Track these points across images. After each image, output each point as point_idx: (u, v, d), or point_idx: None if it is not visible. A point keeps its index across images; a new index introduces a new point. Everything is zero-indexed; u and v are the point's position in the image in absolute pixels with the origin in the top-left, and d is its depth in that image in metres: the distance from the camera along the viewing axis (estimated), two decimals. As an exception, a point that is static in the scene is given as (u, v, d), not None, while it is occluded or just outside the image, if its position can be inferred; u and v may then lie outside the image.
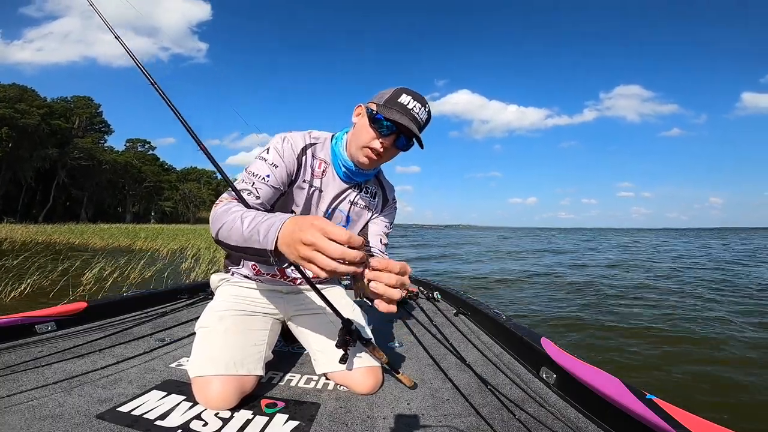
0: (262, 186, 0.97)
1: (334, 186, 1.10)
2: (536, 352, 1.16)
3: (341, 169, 1.08)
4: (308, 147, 1.06)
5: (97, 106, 36.52)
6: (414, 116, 0.96)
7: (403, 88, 0.99)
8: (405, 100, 0.96)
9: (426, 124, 1.02)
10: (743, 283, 5.91)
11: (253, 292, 1.18)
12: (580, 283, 5.89)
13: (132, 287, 4.39)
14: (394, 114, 0.94)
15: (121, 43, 0.98)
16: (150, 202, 39.55)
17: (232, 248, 0.80)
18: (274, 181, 0.98)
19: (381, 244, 1.17)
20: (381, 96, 0.99)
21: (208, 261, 6.60)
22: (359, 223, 1.19)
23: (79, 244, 10.84)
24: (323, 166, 1.09)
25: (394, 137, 0.98)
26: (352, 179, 1.11)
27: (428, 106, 1.00)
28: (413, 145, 1.02)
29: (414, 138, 0.99)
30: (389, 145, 0.99)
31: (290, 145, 1.02)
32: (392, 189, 1.25)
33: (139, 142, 44.83)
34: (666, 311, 3.94)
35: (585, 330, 3.31)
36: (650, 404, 0.76)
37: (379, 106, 0.97)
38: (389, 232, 1.23)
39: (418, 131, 0.96)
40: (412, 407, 0.95)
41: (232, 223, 0.79)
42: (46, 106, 29.42)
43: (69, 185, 31.09)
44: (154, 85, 0.93)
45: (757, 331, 3.28)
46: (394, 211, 1.26)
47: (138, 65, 0.93)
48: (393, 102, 0.96)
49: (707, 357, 2.65)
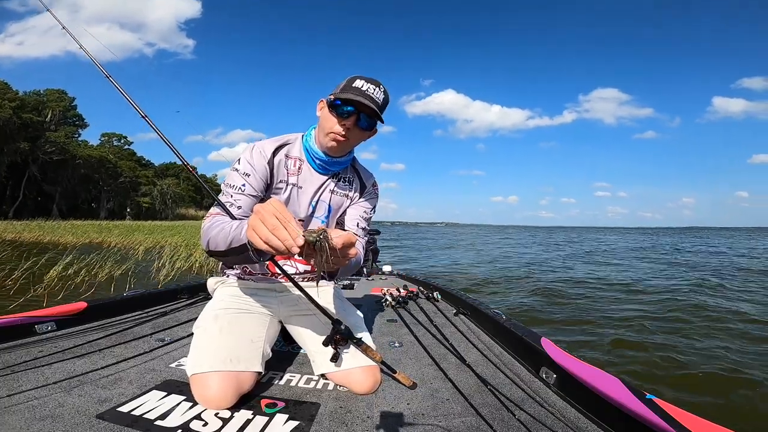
0: (240, 196, 1.03)
1: (311, 180, 1.15)
2: (536, 352, 1.16)
3: (315, 163, 1.13)
4: (279, 149, 1.11)
5: (71, 99, 35.33)
6: (369, 96, 1.00)
7: (357, 75, 1.03)
8: (359, 84, 1.01)
9: (384, 104, 1.06)
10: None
11: (248, 292, 1.18)
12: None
13: (97, 285, 4.33)
14: (349, 96, 0.99)
15: (85, 50, 1.10)
16: (126, 198, 38.56)
17: (222, 254, 0.89)
18: (250, 189, 1.04)
19: (358, 228, 1.21)
20: (338, 86, 1.05)
21: (185, 258, 6.44)
22: (339, 211, 1.23)
23: (49, 241, 10.50)
24: (298, 163, 1.13)
25: (355, 118, 1.03)
26: (328, 170, 1.15)
27: (383, 87, 1.04)
28: (376, 125, 1.08)
29: (375, 117, 1.04)
30: (351, 126, 1.03)
31: (259, 151, 1.08)
32: (370, 175, 1.27)
33: (114, 136, 43.61)
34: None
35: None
36: (650, 404, 0.76)
37: (336, 94, 1.02)
38: (369, 217, 1.26)
39: (376, 108, 1.01)
40: (412, 407, 0.95)
41: (218, 233, 0.88)
42: (18, 99, 28.35)
43: (40, 180, 30.26)
44: (144, 116, 1.08)
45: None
46: (375, 197, 1.28)
47: (126, 97, 1.10)
48: (348, 87, 1.01)
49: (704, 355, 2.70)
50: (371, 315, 1.89)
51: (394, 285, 2.65)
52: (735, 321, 3.63)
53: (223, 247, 0.87)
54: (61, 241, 10.68)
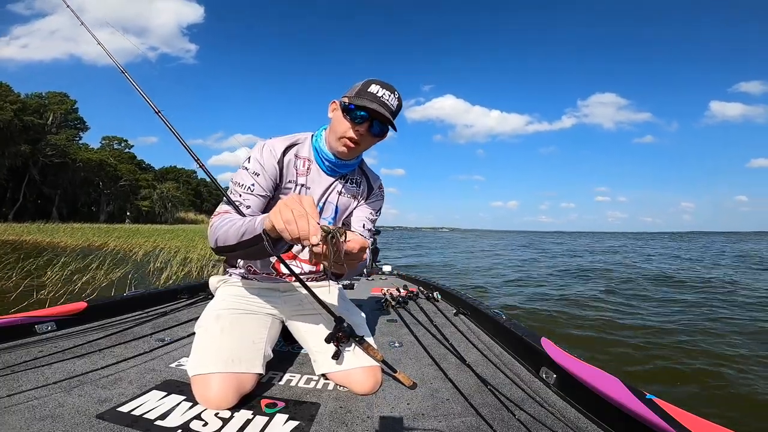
0: (249, 196, 1.03)
1: (320, 181, 1.14)
2: (536, 352, 1.16)
3: (324, 164, 1.13)
4: (289, 149, 1.11)
5: (72, 102, 35.17)
6: (384, 102, 1.00)
7: (372, 79, 1.03)
8: (374, 89, 1.00)
9: (398, 111, 1.05)
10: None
11: (251, 291, 1.18)
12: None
13: (96, 287, 4.30)
14: (365, 102, 0.99)
15: (112, 58, 1.12)
16: (126, 202, 38.46)
17: (231, 248, 0.89)
18: (258, 189, 1.04)
19: (363, 229, 1.22)
20: (352, 89, 1.04)
21: (180, 262, 6.44)
22: (346, 212, 1.23)
23: (49, 243, 10.51)
24: (307, 163, 1.13)
25: (368, 124, 1.02)
26: (336, 172, 1.15)
27: (398, 94, 1.04)
28: (388, 131, 1.07)
29: (388, 123, 1.03)
30: (364, 132, 1.03)
31: (269, 150, 1.07)
32: (377, 178, 1.28)
33: (115, 139, 43.43)
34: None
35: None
36: (650, 404, 0.76)
37: (350, 97, 1.02)
38: (374, 218, 1.27)
39: (390, 116, 1.01)
40: (412, 407, 0.95)
41: (228, 229, 0.89)
42: (19, 102, 28.33)
43: (40, 183, 30.18)
44: (158, 112, 1.10)
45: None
46: (380, 200, 1.29)
47: (141, 93, 1.12)
48: (363, 92, 1.01)
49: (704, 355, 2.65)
50: (371, 315, 1.89)
51: (394, 285, 2.65)
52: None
53: (233, 241, 0.87)
54: (60, 243, 10.66)
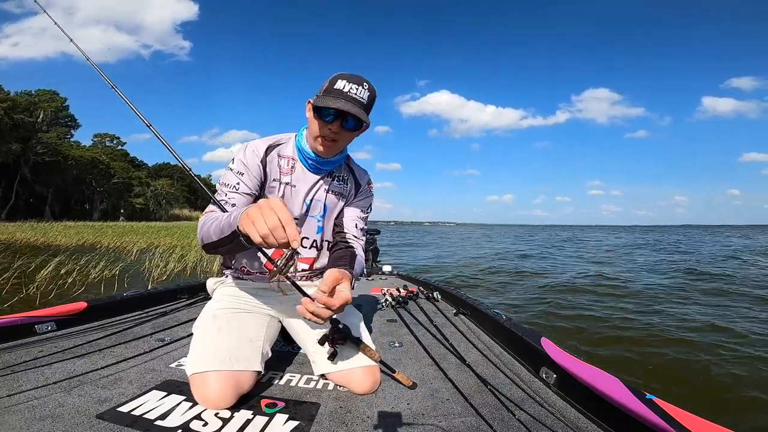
0: (234, 194, 1.05)
1: (305, 179, 1.15)
2: (536, 352, 1.16)
3: (307, 162, 1.14)
4: (272, 148, 1.12)
5: (62, 99, 34.68)
6: (352, 97, 0.99)
7: (340, 74, 1.02)
8: (341, 85, 1.00)
9: (370, 102, 1.04)
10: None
11: (247, 291, 1.19)
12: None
13: (89, 285, 4.29)
14: (329, 101, 0.98)
15: (86, 56, 1.11)
16: (119, 199, 38.23)
17: (214, 245, 0.93)
18: (244, 187, 1.07)
19: (356, 229, 1.22)
20: (321, 87, 1.04)
21: (177, 259, 6.38)
22: (335, 210, 1.23)
23: (42, 242, 10.44)
24: (291, 162, 1.14)
25: (340, 121, 1.02)
26: (320, 169, 1.16)
27: (367, 84, 1.02)
28: (364, 124, 1.05)
29: (358, 117, 1.02)
30: (338, 130, 1.03)
31: (252, 150, 1.09)
32: (364, 173, 1.28)
33: (107, 137, 43.00)
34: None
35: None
36: (650, 404, 0.76)
37: (318, 97, 1.02)
38: (366, 216, 1.27)
39: (360, 110, 1.00)
40: (412, 407, 0.95)
41: (210, 226, 0.92)
42: (9, 100, 27.98)
43: (32, 181, 29.90)
44: (149, 125, 1.08)
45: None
46: (370, 196, 1.29)
47: (132, 108, 1.10)
48: (330, 90, 1.00)
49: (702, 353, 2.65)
50: (371, 315, 1.89)
51: (394, 285, 2.65)
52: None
53: (215, 238, 0.90)
54: (53, 242, 10.59)
